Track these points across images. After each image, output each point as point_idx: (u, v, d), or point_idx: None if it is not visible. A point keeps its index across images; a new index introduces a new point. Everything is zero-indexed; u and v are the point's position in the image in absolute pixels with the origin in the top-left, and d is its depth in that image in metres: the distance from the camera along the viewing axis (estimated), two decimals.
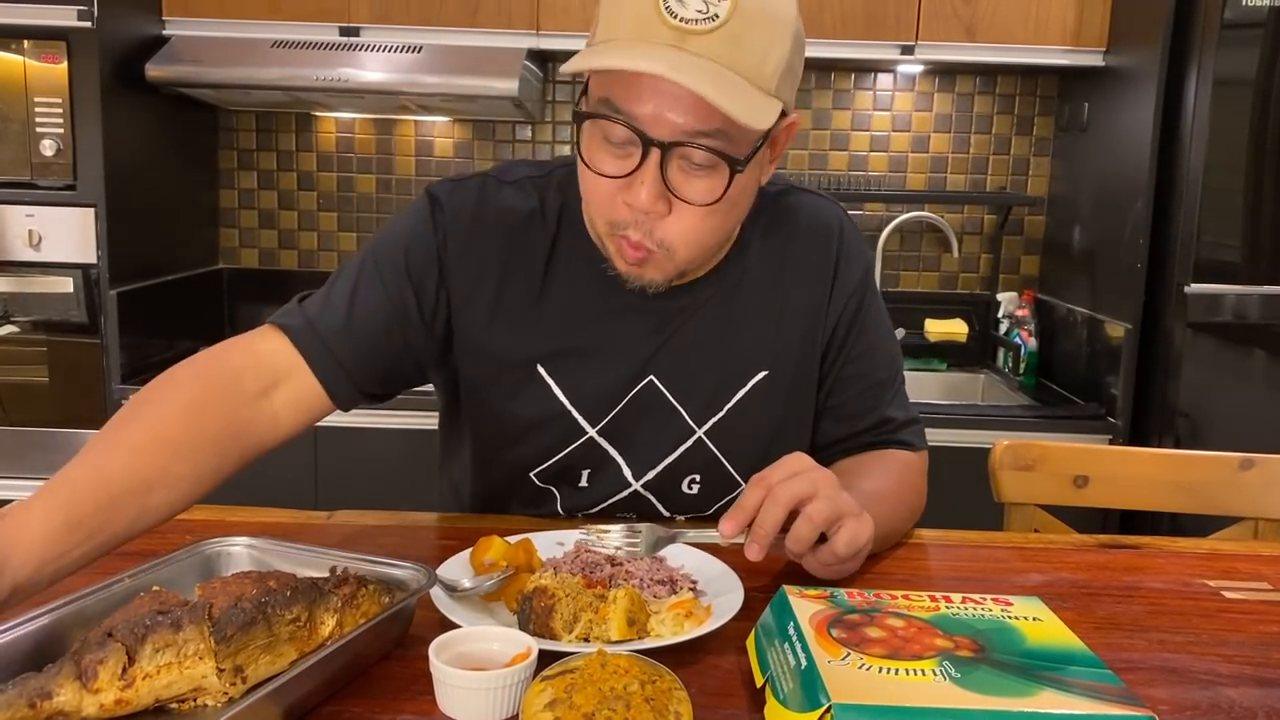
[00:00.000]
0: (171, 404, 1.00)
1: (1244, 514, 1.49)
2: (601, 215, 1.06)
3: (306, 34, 2.64)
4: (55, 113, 2.42)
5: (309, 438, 2.46)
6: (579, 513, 1.24)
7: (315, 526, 1.18)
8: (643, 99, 0.97)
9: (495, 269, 1.16)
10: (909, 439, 1.26)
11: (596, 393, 1.17)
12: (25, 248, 2.47)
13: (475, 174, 1.21)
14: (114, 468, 0.92)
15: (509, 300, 1.16)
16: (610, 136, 1.00)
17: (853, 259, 1.24)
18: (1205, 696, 0.86)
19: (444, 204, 1.17)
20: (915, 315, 3.06)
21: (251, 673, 0.77)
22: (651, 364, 1.18)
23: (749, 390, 1.20)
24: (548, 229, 1.17)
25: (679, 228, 1.03)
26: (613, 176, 1.01)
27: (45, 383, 2.54)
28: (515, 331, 1.16)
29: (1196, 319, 2.34)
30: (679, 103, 0.96)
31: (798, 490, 0.95)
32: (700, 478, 1.22)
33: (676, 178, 1.00)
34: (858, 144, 3.06)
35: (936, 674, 0.74)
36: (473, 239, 1.16)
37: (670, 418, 1.19)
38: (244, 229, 3.14)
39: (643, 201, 0.99)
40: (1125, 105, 2.52)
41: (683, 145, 0.98)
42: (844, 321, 1.23)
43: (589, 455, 1.20)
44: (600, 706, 0.70)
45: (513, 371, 1.17)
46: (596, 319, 1.17)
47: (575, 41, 2.65)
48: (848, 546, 0.96)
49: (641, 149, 0.98)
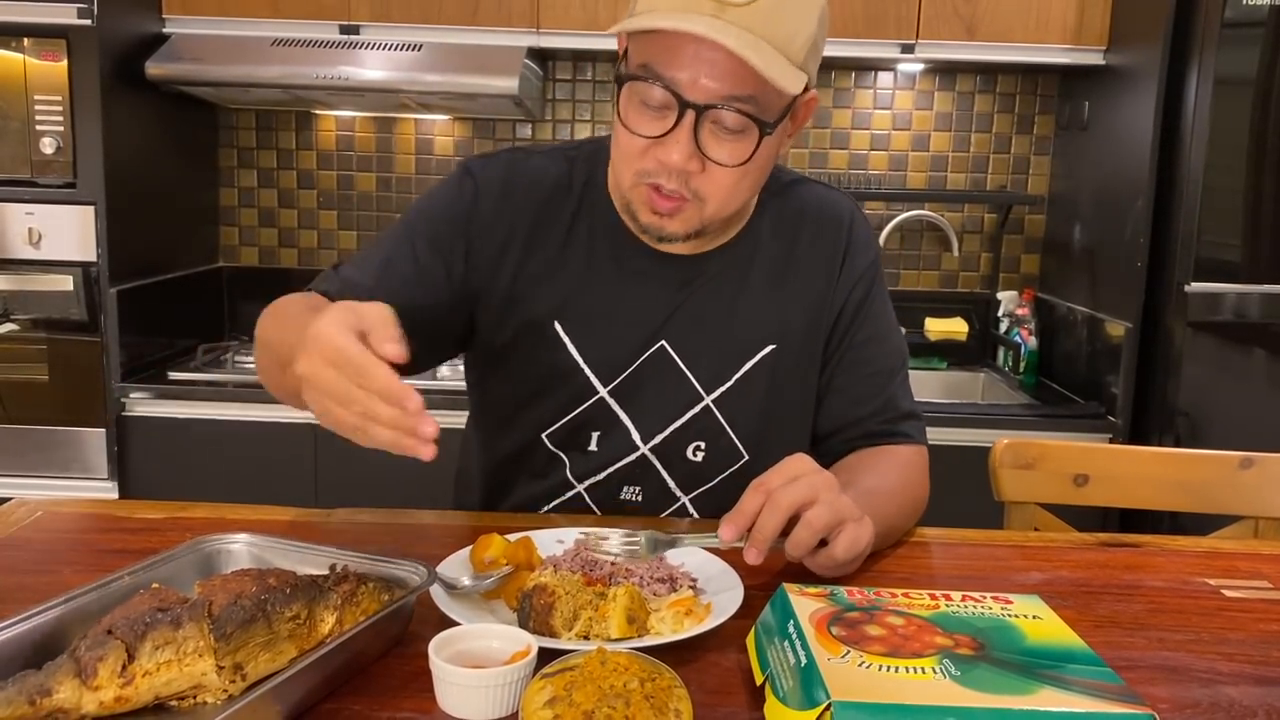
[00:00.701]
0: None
1: (1244, 513, 1.49)
2: (630, 166, 1.11)
3: (306, 32, 2.64)
4: (55, 111, 2.42)
5: (308, 436, 2.47)
6: (587, 479, 1.26)
7: (315, 524, 1.18)
8: (682, 64, 1.03)
9: (522, 235, 1.22)
10: (911, 431, 1.28)
11: (609, 353, 1.22)
12: (25, 246, 2.47)
13: (506, 149, 1.28)
14: None
15: (532, 263, 1.22)
16: (648, 100, 1.07)
17: (861, 247, 1.29)
18: (1205, 695, 0.86)
19: (476, 175, 1.23)
20: (915, 314, 3.06)
21: (251, 670, 0.77)
22: (664, 330, 1.23)
23: (756, 363, 1.25)
24: (573, 195, 1.23)
25: (711, 185, 1.10)
26: (648, 136, 1.08)
27: (45, 381, 2.53)
28: (535, 291, 1.22)
29: (1197, 318, 2.34)
30: (715, 68, 1.02)
31: (797, 497, 0.95)
32: (705, 445, 1.26)
33: (708, 141, 1.07)
34: (858, 143, 3.06)
35: (936, 672, 0.74)
36: (502, 207, 1.21)
37: (680, 383, 1.23)
38: (244, 227, 3.14)
39: (676, 160, 1.06)
40: (1126, 104, 2.52)
41: (716, 108, 1.04)
42: (850, 305, 1.27)
43: (599, 416, 1.23)
44: (600, 704, 0.70)
45: (530, 330, 1.22)
46: (612, 281, 1.22)
47: (575, 40, 2.66)
48: (847, 552, 0.97)
49: (677, 111, 1.04)
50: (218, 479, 2.47)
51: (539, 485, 1.28)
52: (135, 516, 1.19)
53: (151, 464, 2.52)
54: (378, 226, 3.11)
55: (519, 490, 1.30)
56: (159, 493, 2.41)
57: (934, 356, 3.01)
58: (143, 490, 2.50)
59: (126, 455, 2.51)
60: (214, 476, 2.48)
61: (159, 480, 2.51)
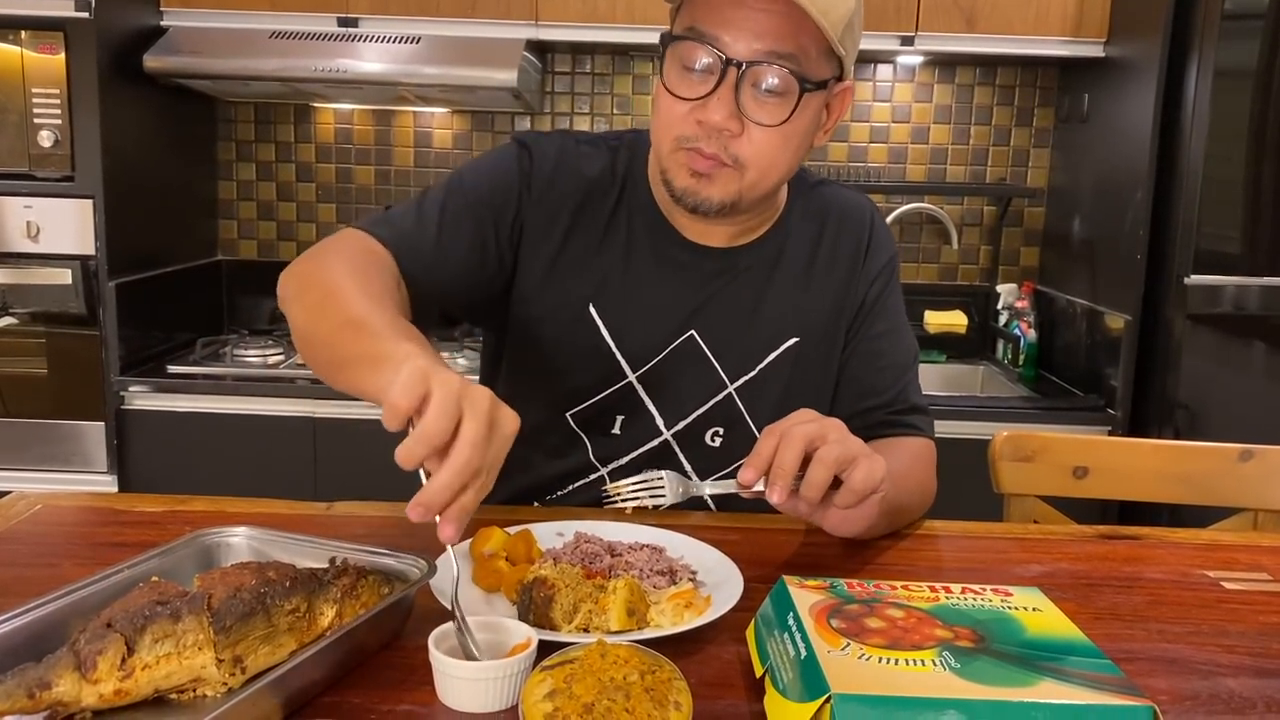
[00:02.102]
0: (372, 277, 1.07)
1: (1243, 505, 1.49)
2: (670, 132, 1.14)
3: (304, 25, 2.63)
4: (53, 104, 2.41)
5: (308, 428, 2.47)
6: (610, 463, 1.28)
7: (314, 517, 1.18)
8: (726, 23, 1.08)
9: (565, 220, 1.25)
10: (921, 424, 1.31)
11: (641, 340, 1.25)
12: (23, 239, 2.46)
13: (558, 130, 1.31)
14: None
15: (571, 249, 1.25)
16: (690, 63, 1.11)
17: (881, 246, 1.34)
18: (1205, 687, 0.86)
19: (531, 150, 1.25)
20: (915, 307, 3.04)
21: (251, 663, 0.77)
22: (693, 320, 1.26)
23: (780, 354, 1.28)
24: (615, 184, 1.27)
25: (751, 149, 1.12)
26: (689, 99, 1.11)
27: (44, 374, 2.53)
28: (573, 274, 1.25)
29: (1196, 310, 2.34)
30: (759, 26, 1.07)
31: (810, 432, 0.96)
32: (724, 432, 1.29)
33: (749, 103, 1.10)
34: (857, 135, 3.05)
35: (936, 664, 0.74)
36: (551, 188, 1.25)
37: (706, 372, 1.27)
38: (243, 220, 3.13)
39: (717, 120, 1.10)
40: (1126, 96, 2.52)
41: (758, 65, 1.08)
42: (869, 300, 1.32)
43: (625, 401, 1.26)
44: (600, 697, 0.70)
45: (565, 311, 1.25)
46: (649, 270, 1.26)
47: (574, 32, 2.65)
48: (864, 481, 0.96)
49: (719, 74, 1.09)
50: (217, 472, 2.47)
51: (558, 465, 1.30)
52: (134, 510, 1.19)
53: (151, 457, 2.52)
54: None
55: (535, 469, 1.30)
56: (158, 486, 2.41)
57: (933, 349, 3.01)
58: (142, 484, 2.50)
59: (126, 449, 2.51)
60: (213, 470, 2.48)
61: (158, 474, 2.51)
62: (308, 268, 1.09)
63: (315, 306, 1.03)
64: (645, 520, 1.11)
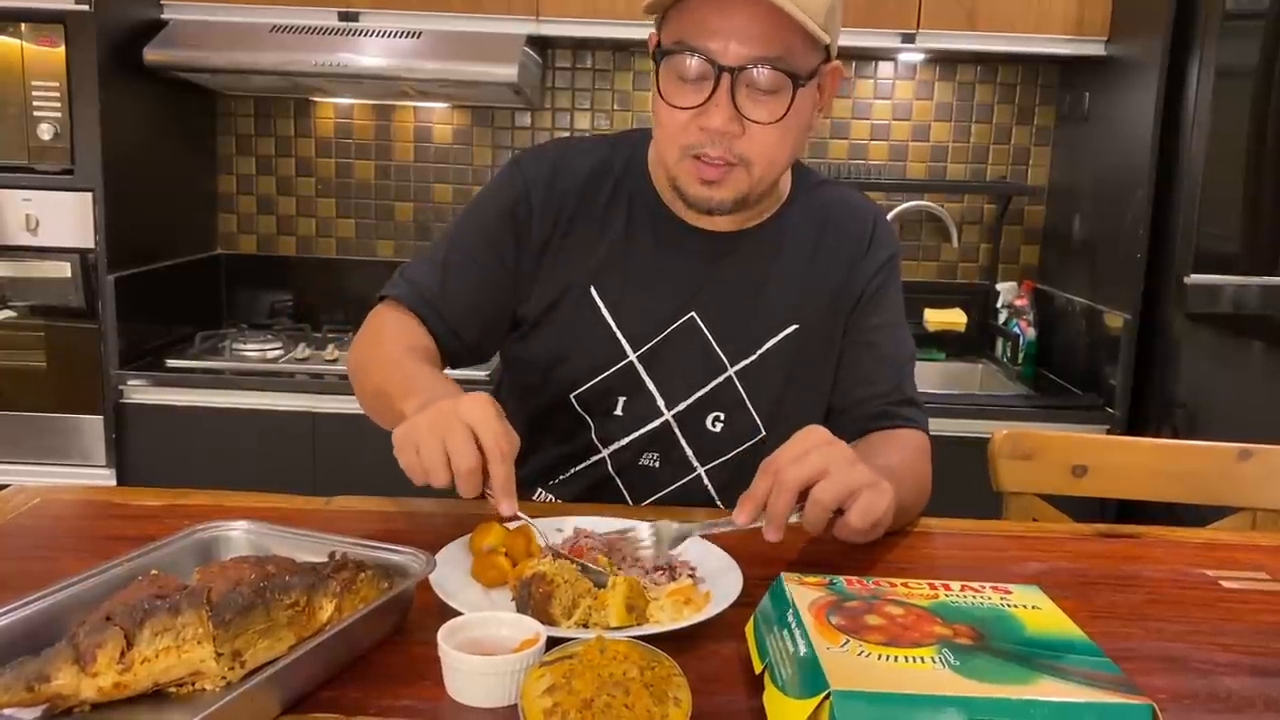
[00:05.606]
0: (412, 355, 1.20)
1: (1242, 504, 1.49)
2: (675, 142, 1.18)
3: (305, 19, 2.62)
4: (53, 97, 2.41)
5: (307, 422, 2.47)
6: (612, 444, 1.31)
7: (314, 511, 1.18)
8: (713, 34, 1.11)
9: (567, 214, 1.29)
10: (916, 418, 1.31)
11: (641, 320, 1.28)
12: (23, 232, 2.46)
13: (556, 140, 1.34)
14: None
15: (574, 234, 1.29)
16: (684, 73, 1.14)
17: (883, 243, 1.36)
18: (1203, 685, 0.86)
19: (523, 166, 1.32)
20: (914, 305, 3.04)
21: (250, 657, 0.77)
22: (694, 301, 1.29)
23: (779, 341, 1.30)
24: (614, 172, 1.31)
25: (754, 146, 1.16)
26: (688, 107, 1.15)
27: (43, 368, 2.53)
28: (575, 258, 1.29)
29: (1195, 309, 2.34)
30: (744, 32, 1.11)
31: (805, 473, 0.96)
32: (724, 416, 1.31)
33: (745, 103, 1.14)
34: (858, 132, 3.05)
35: (935, 661, 0.74)
36: (551, 189, 1.29)
37: (706, 354, 1.29)
38: (242, 215, 3.13)
39: (718, 124, 1.13)
40: (1126, 95, 2.51)
41: (749, 69, 1.12)
42: (869, 293, 1.33)
43: (627, 380, 1.29)
44: (599, 692, 0.70)
45: (568, 293, 1.29)
46: (647, 251, 1.29)
47: (575, 27, 2.64)
48: (862, 518, 0.97)
49: (714, 80, 1.12)
50: (216, 466, 2.47)
51: (563, 449, 1.33)
52: (133, 503, 1.19)
53: (149, 451, 2.52)
54: (376, 214, 3.11)
55: (542, 454, 1.34)
56: (157, 480, 2.39)
57: (933, 347, 3.01)
58: (141, 477, 2.50)
59: (124, 442, 2.51)
60: (212, 464, 2.47)
61: (157, 467, 2.51)
62: (354, 359, 1.28)
63: (361, 392, 1.25)
64: (644, 515, 1.11)
